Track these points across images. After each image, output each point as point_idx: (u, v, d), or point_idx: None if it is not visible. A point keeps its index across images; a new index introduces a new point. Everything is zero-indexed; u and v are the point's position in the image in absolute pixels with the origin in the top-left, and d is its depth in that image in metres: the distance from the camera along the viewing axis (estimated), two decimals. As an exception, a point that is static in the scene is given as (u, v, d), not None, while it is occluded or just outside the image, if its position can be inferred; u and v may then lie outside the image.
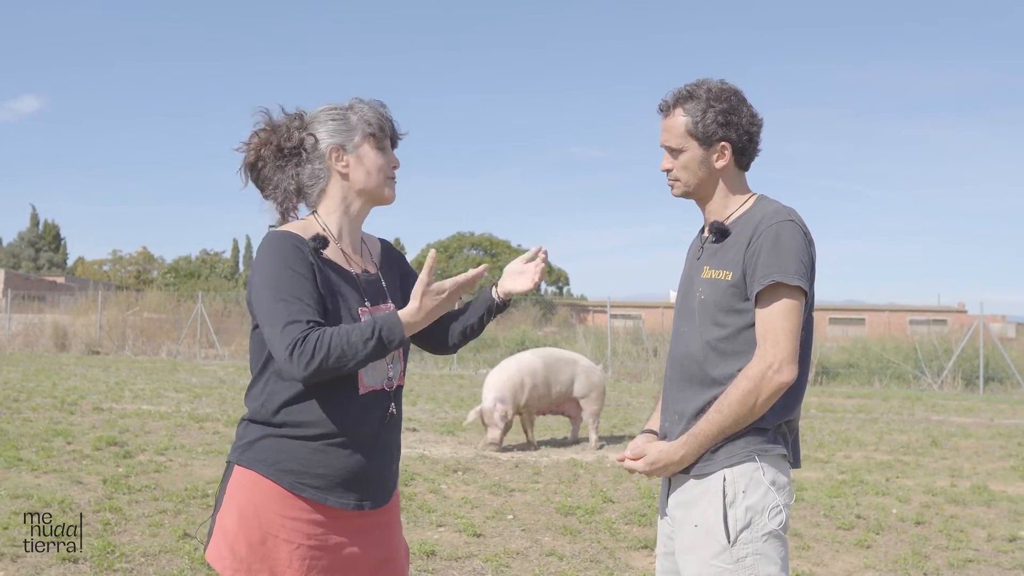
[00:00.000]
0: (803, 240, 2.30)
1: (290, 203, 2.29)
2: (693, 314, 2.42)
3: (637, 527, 6.10)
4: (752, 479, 2.29)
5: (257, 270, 2.14)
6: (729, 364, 2.32)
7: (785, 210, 2.35)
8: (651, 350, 22.15)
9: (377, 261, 2.41)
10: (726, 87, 2.41)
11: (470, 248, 51.73)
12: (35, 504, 6.00)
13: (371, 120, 2.28)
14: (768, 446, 2.32)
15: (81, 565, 4.81)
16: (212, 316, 26.01)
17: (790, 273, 2.25)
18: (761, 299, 2.28)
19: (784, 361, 2.24)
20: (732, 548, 2.26)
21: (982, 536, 6.15)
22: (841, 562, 5.45)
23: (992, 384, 20.20)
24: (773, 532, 2.28)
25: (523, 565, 5.19)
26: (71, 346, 25.24)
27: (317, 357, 2.01)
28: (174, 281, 50.42)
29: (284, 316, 2.06)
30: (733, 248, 2.35)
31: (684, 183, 2.44)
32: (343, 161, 2.26)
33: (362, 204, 2.31)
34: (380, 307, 2.28)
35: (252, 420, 2.21)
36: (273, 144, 2.26)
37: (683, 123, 2.40)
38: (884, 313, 43.59)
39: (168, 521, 5.79)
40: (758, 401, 2.24)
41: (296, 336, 2.03)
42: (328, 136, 2.26)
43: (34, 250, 60.79)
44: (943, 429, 12.29)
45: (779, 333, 2.25)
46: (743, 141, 2.40)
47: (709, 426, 2.29)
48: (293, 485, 2.14)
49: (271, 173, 2.28)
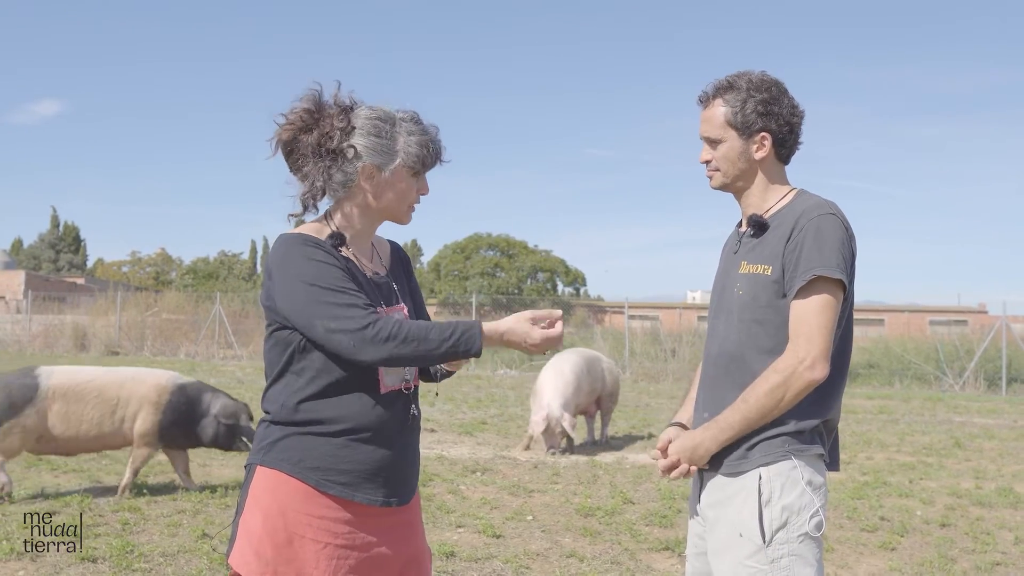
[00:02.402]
0: (844, 234, 2.26)
1: (314, 197, 2.24)
2: (731, 310, 2.36)
3: (658, 528, 6.04)
4: (788, 478, 2.23)
5: (286, 269, 2.11)
6: (768, 361, 2.25)
7: (827, 204, 2.31)
8: (669, 351, 22.06)
9: (387, 264, 2.38)
10: (767, 78, 2.37)
11: (487, 249, 51.67)
12: (54, 504, 6.01)
13: (416, 152, 2.22)
14: (805, 446, 2.26)
15: (100, 565, 4.80)
16: (230, 317, 26.09)
17: (832, 266, 2.20)
18: (799, 292, 2.22)
19: (817, 358, 2.18)
20: (767, 548, 2.21)
21: (1009, 539, 6.05)
22: (866, 564, 5.38)
23: (1015, 385, 19.99)
24: (810, 534, 2.23)
25: (543, 567, 5.15)
26: (91, 347, 25.37)
27: (394, 340, 2.04)
28: (192, 282, 50.65)
29: (345, 301, 2.06)
30: (772, 242, 2.30)
31: (723, 174, 2.40)
32: (373, 181, 2.21)
33: (377, 218, 2.29)
34: (394, 308, 2.26)
35: (273, 421, 2.18)
36: (314, 136, 2.19)
37: (723, 113, 2.36)
38: (904, 314, 43.23)
39: (187, 521, 5.78)
40: (786, 396, 2.19)
41: (369, 318, 2.05)
42: (368, 153, 2.19)
43: (54, 252, 61.25)
44: (966, 430, 12.16)
45: (814, 328, 2.20)
46: (783, 132, 2.36)
47: (733, 414, 2.25)
48: (320, 482, 2.11)
49: (304, 161, 2.22)
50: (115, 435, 6.40)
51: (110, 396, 6.34)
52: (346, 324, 2.04)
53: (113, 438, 6.42)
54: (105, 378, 6.42)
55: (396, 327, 2.05)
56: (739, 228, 2.49)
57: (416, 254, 63.94)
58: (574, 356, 9.82)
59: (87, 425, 6.24)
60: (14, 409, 6.03)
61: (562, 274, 52.58)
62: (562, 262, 52.40)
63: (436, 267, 52.57)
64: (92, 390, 6.27)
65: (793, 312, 2.24)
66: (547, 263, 51.72)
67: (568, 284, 53.45)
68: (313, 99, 2.22)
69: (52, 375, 6.24)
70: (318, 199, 2.25)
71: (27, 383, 6.14)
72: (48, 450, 6.39)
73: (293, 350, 2.14)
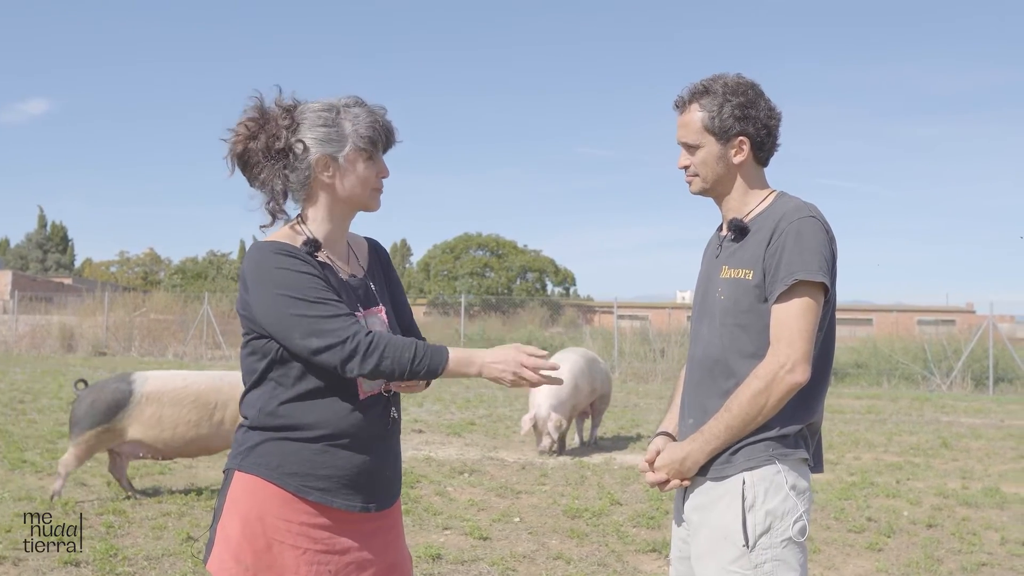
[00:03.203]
0: (825, 236, 2.25)
1: (277, 203, 2.23)
2: (713, 315, 2.35)
3: (645, 530, 6.03)
4: (772, 483, 2.23)
5: (261, 280, 2.08)
6: (752, 365, 2.25)
7: (806, 206, 2.30)
8: (658, 351, 22.06)
9: (364, 263, 2.35)
10: (743, 81, 2.36)
11: (476, 249, 51.62)
12: (38, 506, 5.97)
13: (364, 133, 2.19)
14: (789, 450, 2.26)
15: (83, 568, 4.76)
16: (218, 317, 26.00)
17: (812, 269, 2.19)
18: (780, 296, 2.22)
19: (798, 361, 2.17)
20: (751, 553, 2.20)
21: (995, 539, 6.06)
22: (853, 565, 5.38)
23: (1002, 385, 20.07)
24: (793, 539, 2.23)
25: (530, 569, 5.13)
26: (78, 347, 25.25)
27: (374, 356, 2.04)
28: (181, 282, 50.40)
29: (324, 312, 2.05)
30: (753, 246, 2.29)
31: (702, 179, 2.39)
32: (329, 171, 2.19)
33: (347, 211, 2.26)
34: (372, 310, 2.24)
35: (251, 426, 2.15)
36: (261, 141, 2.18)
37: (699, 118, 2.35)
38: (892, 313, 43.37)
39: (171, 524, 5.74)
40: (769, 401, 2.19)
41: (349, 331, 2.04)
42: (317, 145, 2.17)
43: (41, 251, 60.91)
44: (953, 430, 12.19)
45: (795, 332, 2.19)
46: (761, 135, 2.35)
47: (717, 423, 2.24)
48: (299, 488, 2.09)
49: (259, 168, 2.20)
50: (213, 437, 6.59)
51: (208, 400, 6.52)
52: (327, 339, 2.03)
53: (210, 440, 6.60)
54: (200, 382, 6.56)
55: (376, 340, 2.04)
56: (720, 232, 2.49)
57: (406, 254, 63.84)
58: (574, 356, 9.71)
59: (184, 427, 6.42)
60: (108, 414, 6.21)
61: (551, 274, 52.55)
62: (552, 262, 52.40)
63: (425, 267, 52.47)
64: (189, 394, 6.43)
65: (774, 316, 2.23)
66: (537, 263, 51.71)
67: (558, 284, 53.44)
68: (256, 107, 2.21)
69: (147, 381, 6.42)
70: (282, 204, 2.23)
71: (121, 388, 6.34)
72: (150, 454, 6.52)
73: (272, 359, 2.12)
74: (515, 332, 24.97)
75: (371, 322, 2.20)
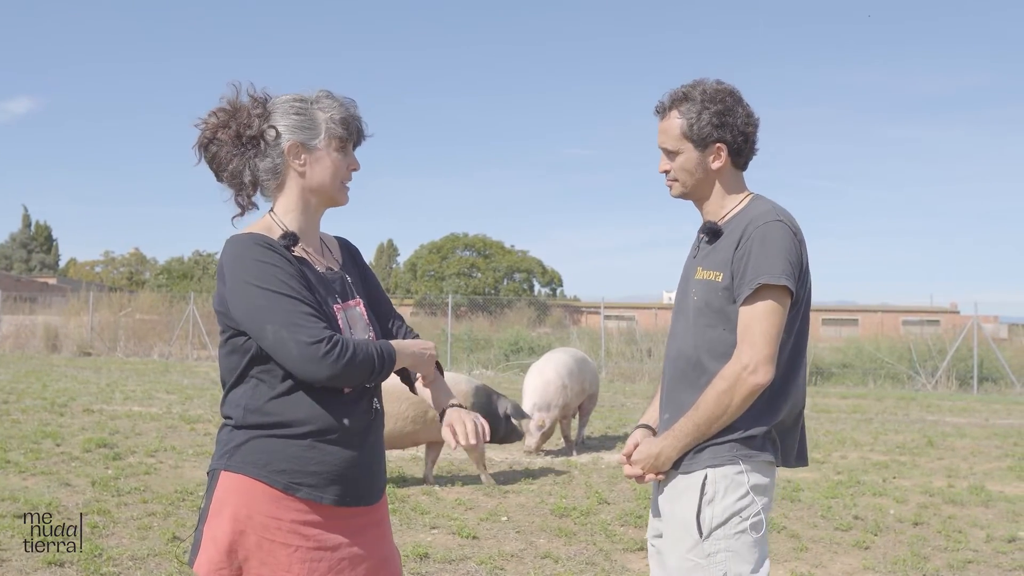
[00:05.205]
0: (791, 240, 2.32)
1: (246, 194, 2.22)
2: (688, 314, 2.44)
3: (633, 528, 6.03)
4: (733, 481, 2.32)
5: (237, 273, 2.06)
6: (722, 364, 2.32)
7: (775, 210, 2.37)
8: (645, 351, 22.11)
9: (338, 258, 2.35)
10: (722, 87, 2.43)
11: (463, 249, 51.62)
12: (22, 507, 5.91)
13: (337, 121, 2.20)
14: (754, 452, 2.34)
15: (68, 569, 4.72)
16: (204, 317, 25.86)
17: (776, 273, 2.26)
18: (746, 299, 2.30)
19: (760, 362, 2.25)
20: (704, 543, 2.31)
21: (981, 537, 6.10)
22: (840, 563, 5.39)
23: (986, 384, 20.22)
24: (748, 534, 2.32)
25: (518, 568, 5.12)
26: (62, 347, 25.11)
27: (345, 357, 2.01)
28: (166, 282, 50.17)
29: (301, 310, 2.02)
30: (723, 249, 2.37)
31: (682, 184, 2.47)
32: (300, 159, 2.19)
33: (317, 203, 2.25)
34: (349, 303, 2.23)
35: (236, 426, 2.12)
36: (232, 129, 2.17)
37: (679, 125, 2.42)
38: (877, 314, 43.64)
39: (157, 524, 5.71)
40: (732, 401, 2.27)
41: (323, 334, 2.01)
42: (289, 131, 2.17)
43: (26, 251, 60.56)
44: (938, 429, 12.26)
45: (757, 334, 2.26)
46: (738, 142, 2.42)
47: (686, 422, 2.33)
48: (288, 485, 2.07)
49: (228, 159, 2.18)
50: (424, 432, 7.14)
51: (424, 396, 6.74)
52: (298, 334, 2.00)
53: (421, 435, 7.17)
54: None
55: (345, 342, 2.03)
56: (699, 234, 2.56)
57: (392, 254, 63.77)
58: (563, 356, 9.69)
59: (403, 423, 6.96)
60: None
61: (538, 274, 52.59)
62: (539, 262, 52.44)
63: (412, 267, 52.43)
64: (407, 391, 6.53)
65: (740, 319, 2.30)
66: (524, 263, 51.74)
67: (544, 284, 53.47)
68: (227, 99, 2.20)
69: None
70: (251, 195, 2.22)
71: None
72: None
73: (253, 356, 2.09)
74: (502, 332, 24.93)
75: (350, 315, 2.20)
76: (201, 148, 2.20)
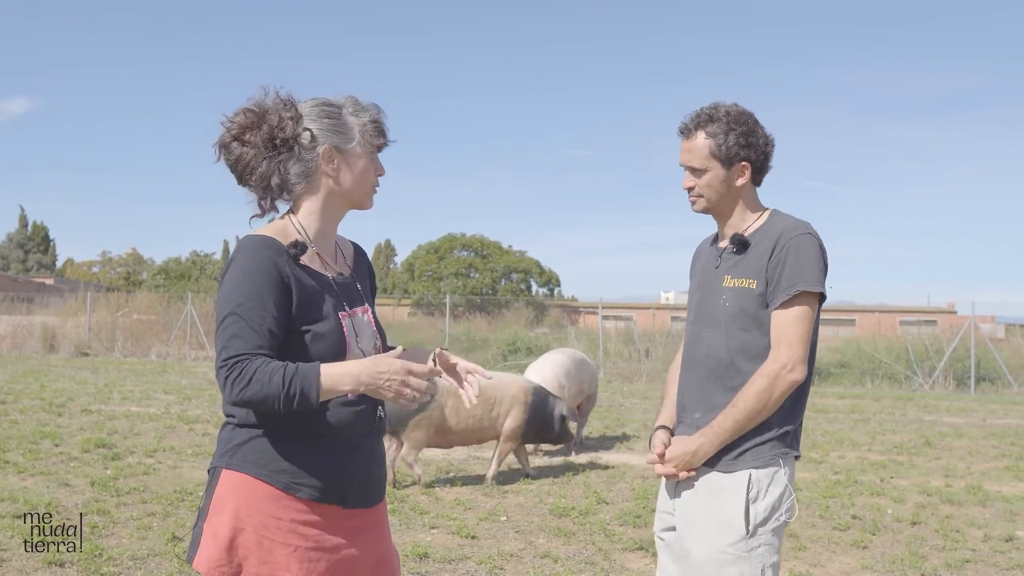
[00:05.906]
0: (820, 251, 2.52)
1: (271, 197, 2.20)
2: (717, 320, 2.59)
3: (632, 528, 6.05)
4: (774, 480, 2.51)
5: (228, 275, 2.07)
6: (756, 365, 2.51)
7: (803, 224, 2.56)
8: (643, 351, 22.11)
9: (351, 263, 2.34)
10: (743, 110, 2.62)
11: (461, 249, 51.57)
12: (21, 507, 5.91)
13: (371, 127, 2.21)
14: (788, 449, 2.56)
15: (68, 569, 4.73)
16: (202, 317, 25.82)
17: (813, 281, 2.47)
18: (781, 304, 2.49)
19: (797, 361, 2.46)
20: (749, 539, 2.48)
21: (978, 536, 6.11)
22: (838, 563, 5.41)
23: (984, 384, 20.22)
24: (781, 525, 2.53)
25: (517, 567, 5.13)
26: (60, 348, 25.06)
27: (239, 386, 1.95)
28: (164, 282, 50.07)
29: (238, 325, 2.00)
30: (755, 259, 2.55)
31: (707, 200, 2.64)
32: (334, 163, 2.18)
33: (342, 207, 2.25)
34: (356, 311, 2.22)
35: (239, 424, 2.13)
36: (263, 131, 2.14)
37: (706, 145, 2.59)
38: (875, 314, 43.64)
39: (156, 524, 5.71)
40: (772, 397, 2.46)
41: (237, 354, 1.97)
42: (324, 135, 2.17)
43: (23, 252, 60.48)
44: (936, 429, 12.28)
45: (793, 336, 2.47)
46: (760, 160, 2.62)
47: (725, 419, 2.50)
48: (288, 485, 2.08)
49: (256, 162, 2.16)
50: (489, 430, 7.46)
51: (489, 396, 7.37)
52: (220, 352, 1.98)
53: (485, 432, 7.48)
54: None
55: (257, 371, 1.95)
56: (716, 243, 2.74)
57: (390, 254, 63.72)
58: (561, 356, 9.66)
59: (471, 420, 7.31)
60: (423, 404, 6.81)
61: (536, 275, 52.54)
62: (536, 263, 52.40)
63: (410, 267, 52.36)
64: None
65: (775, 321, 2.50)
66: (521, 264, 51.69)
67: (542, 285, 53.44)
68: (255, 100, 2.18)
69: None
70: (276, 198, 2.21)
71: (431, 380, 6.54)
72: (436, 443, 7.40)
73: None
74: (500, 332, 24.92)
75: (356, 322, 2.20)
76: (223, 147, 2.18)
